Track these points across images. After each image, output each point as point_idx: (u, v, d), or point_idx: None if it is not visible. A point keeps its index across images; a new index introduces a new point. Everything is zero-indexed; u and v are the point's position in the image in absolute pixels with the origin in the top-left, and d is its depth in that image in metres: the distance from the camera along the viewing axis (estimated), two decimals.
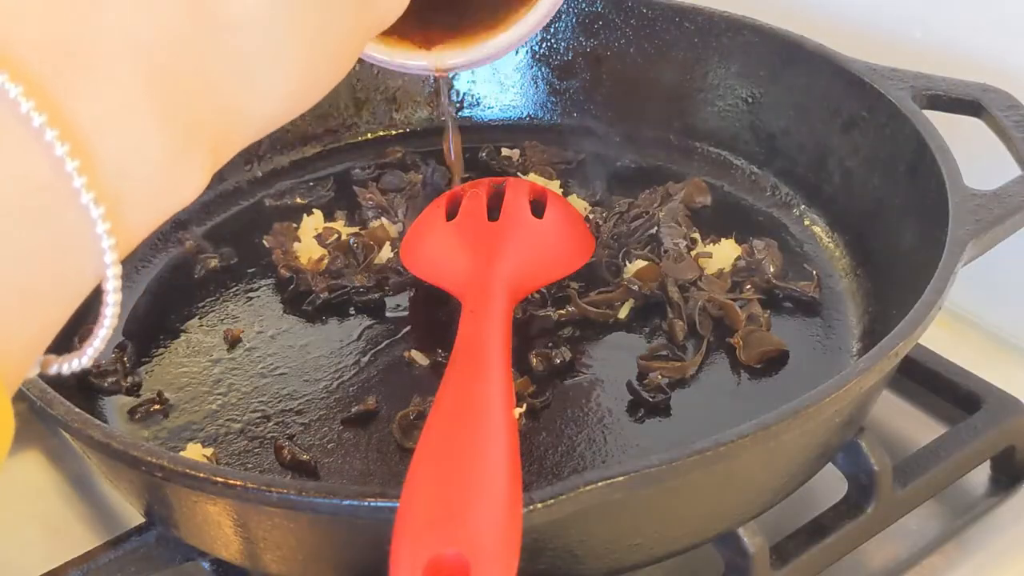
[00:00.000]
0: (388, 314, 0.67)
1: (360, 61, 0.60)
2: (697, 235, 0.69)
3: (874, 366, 0.50)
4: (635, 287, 0.66)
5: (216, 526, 0.50)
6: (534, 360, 0.62)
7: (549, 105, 0.83)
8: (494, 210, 0.67)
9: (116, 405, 0.62)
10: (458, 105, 0.83)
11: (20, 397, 0.52)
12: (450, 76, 0.80)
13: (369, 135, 0.83)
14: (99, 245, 0.34)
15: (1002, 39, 0.73)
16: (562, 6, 0.61)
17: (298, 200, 0.76)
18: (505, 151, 0.79)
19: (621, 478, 0.45)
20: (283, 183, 0.78)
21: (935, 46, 0.76)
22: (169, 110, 0.35)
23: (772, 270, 0.67)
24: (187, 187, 0.36)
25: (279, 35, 0.37)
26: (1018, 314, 0.73)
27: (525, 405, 0.59)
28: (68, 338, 0.63)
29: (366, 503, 0.45)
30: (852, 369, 0.50)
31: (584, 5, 0.80)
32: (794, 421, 0.48)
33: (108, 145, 0.33)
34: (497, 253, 0.64)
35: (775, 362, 0.62)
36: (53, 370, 0.38)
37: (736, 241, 0.69)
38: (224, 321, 0.67)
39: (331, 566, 0.51)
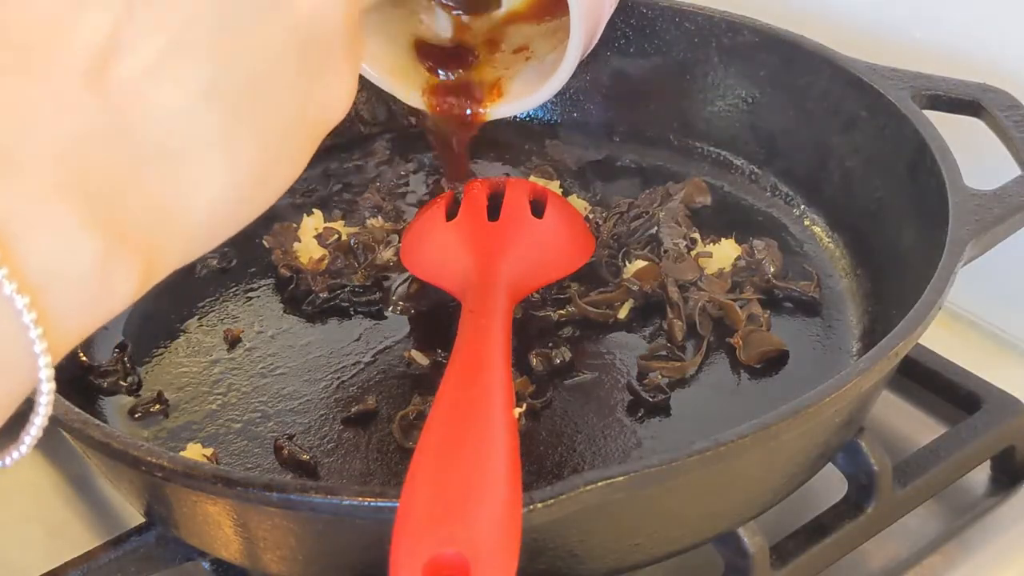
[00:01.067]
0: (388, 314, 0.67)
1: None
2: (697, 235, 0.69)
3: (874, 366, 0.50)
4: (635, 287, 0.66)
5: (216, 526, 0.50)
6: (534, 360, 0.62)
7: (549, 105, 0.82)
8: (494, 210, 0.67)
9: (116, 405, 0.62)
10: None
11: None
12: None
13: (369, 133, 0.83)
14: (27, 335, 0.33)
15: (1002, 39, 0.73)
16: None
17: (298, 200, 0.76)
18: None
19: (621, 478, 0.45)
20: None
21: (935, 46, 0.76)
22: (89, 209, 0.34)
23: (772, 270, 0.67)
24: (116, 292, 0.35)
25: (204, 133, 0.36)
26: (1018, 314, 0.73)
27: (525, 405, 0.59)
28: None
29: (366, 503, 0.45)
30: (852, 369, 0.50)
31: None
32: (794, 421, 0.48)
33: (27, 243, 0.33)
34: (497, 253, 0.64)
35: (775, 362, 0.62)
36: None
37: (736, 241, 0.69)
38: (224, 321, 0.67)
39: (331, 566, 0.51)
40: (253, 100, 0.37)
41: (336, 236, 0.70)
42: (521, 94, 0.63)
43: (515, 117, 0.82)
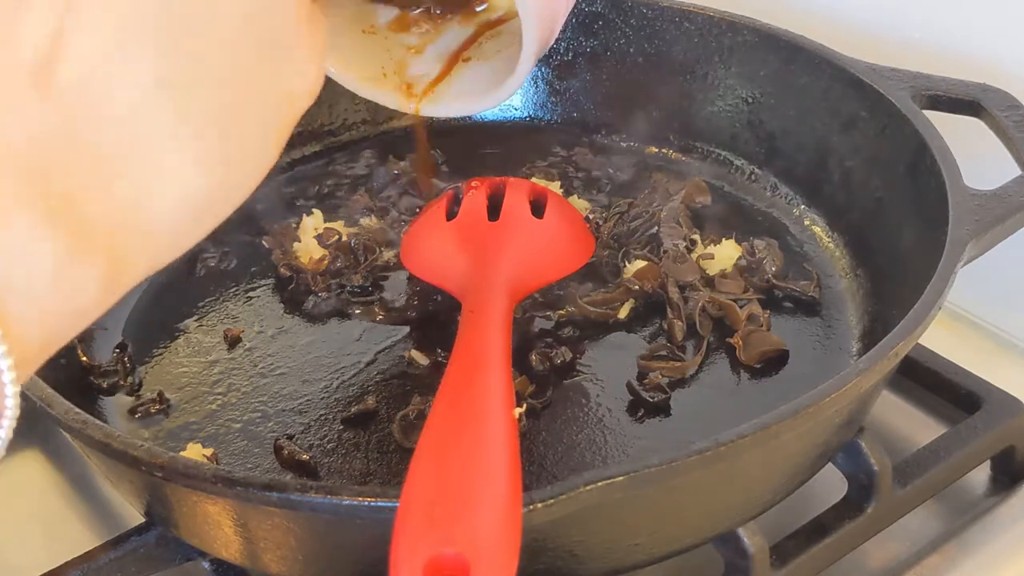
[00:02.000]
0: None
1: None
2: (697, 236, 0.69)
3: (874, 366, 0.50)
4: (635, 287, 0.66)
5: (216, 526, 0.50)
6: (534, 360, 0.62)
7: (549, 105, 0.83)
8: (494, 210, 0.67)
9: (116, 405, 0.62)
10: None
11: (20, 397, 0.52)
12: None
13: (369, 134, 0.83)
14: None
15: (1002, 39, 0.73)
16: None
17: (297, 200, 0.76)
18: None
19: (621, 478, 0.45)
20: (283, 183, 0.78)
21: (935, 46, 0.76)
22: (46, 209, 0.33)
23: (772, 270, 0.67)
24: (81, 295, 0.34)
25: (159, 128, 0.35)
26: (1018, 314, 0.73)
27: (525, 405, 0.59)
28: None
29: (366, 503, 0.45)
30: (852, 369, 0.50)
31: (584, 5, 0.80)
32: (794, 421, 0.48)
33: None
34: (497, 253, 0.64)
35: (775, 362, 0.62)
36: None
37: (736, 241, 0.69)
38: (224, 321, 0.67)
39: (331, 566, 0.51)
40: (209, 91, 0.36)
41: (336, 236, 0.70)
42: (465, 95, 0.61)
43: (514, 116, 0.83)
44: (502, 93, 0.57)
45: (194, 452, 0.58)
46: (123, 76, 0.34)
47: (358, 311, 0.67)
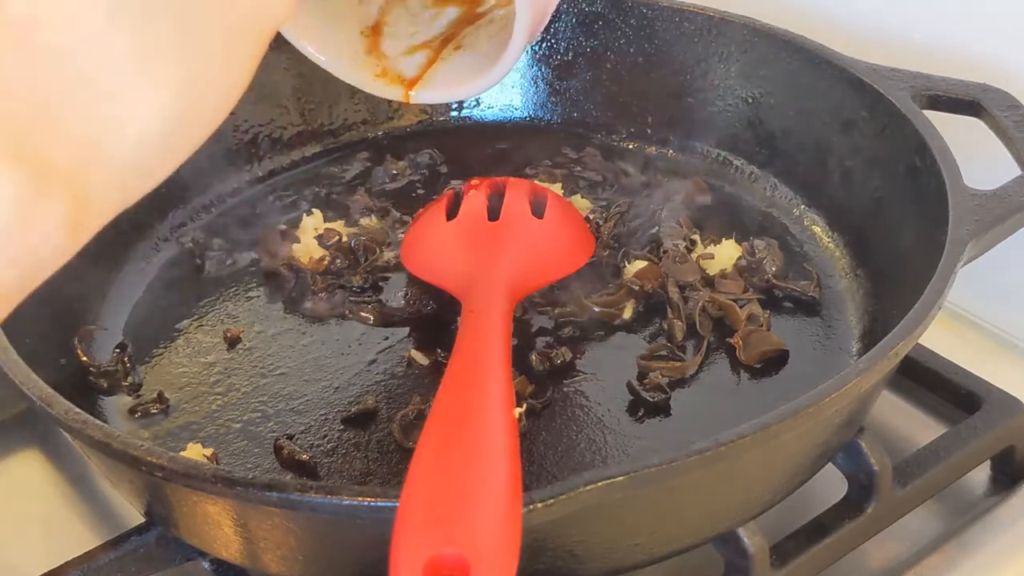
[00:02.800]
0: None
1: None
2: (697, 236, 0.69)
3: (874, 366, 0.50)
4: (635, 287, 0.66)
5: (216, 526, 0.50)
6: (534, 360, 0.62)
7: (549, 105, 0.82)
8: (494, 210, 0.67)
9: (116, 405, 0.62)
10: (458, 105, 0.84)
11: (20, 397, 0.52)
12: None
13: (368, 135, 0.83)
14: None
15: (1002, 39, 0.73)
16: (561, 5, 0.60)
17: (297, 200, 0.76)
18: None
19: (621, 478, 0.45)
20: (283, 183, 0.78)
21: (935, 46, 0.76)
22: (4, 147, 0.32)
23: (772, 270, 0.67)
24: (45, 237, 0.32)
25: (117, 54, 0.33)
26: (1018, 314, 0.73)
27: (525, 405, 0.59)
28: (68, 337, 0.64)
29: (366, 503, 0.45)
30: (852, 369, 0.50)
31: (584, 5, 0.80)
32: (794, 421, 0.48)
33: None
34: (497, 253, 0.64)
35: (775, 362, 0.62)
36: None
37: (736, 241, 0.69)
38: (224, 321, 0.67)
39: (331, 566, 0.51)
40: (168, 14, 0.34)
41: (336, 236, 0.70)
42: (455, 80, 0.61)
43: (514, 116, 0.83)
44: (492, 77, 0.57)
45: (194, 452, 0.58)
46: (72, 3, 0.33)
47: (358, 311, 0.67)
